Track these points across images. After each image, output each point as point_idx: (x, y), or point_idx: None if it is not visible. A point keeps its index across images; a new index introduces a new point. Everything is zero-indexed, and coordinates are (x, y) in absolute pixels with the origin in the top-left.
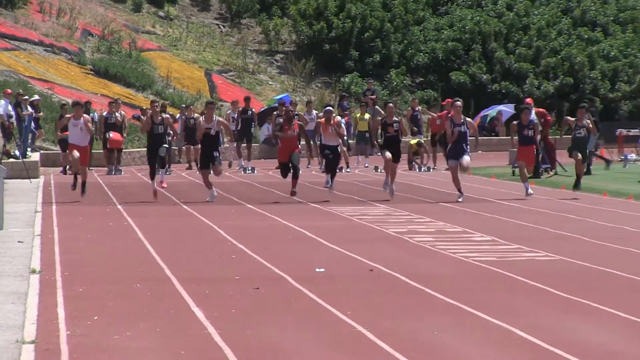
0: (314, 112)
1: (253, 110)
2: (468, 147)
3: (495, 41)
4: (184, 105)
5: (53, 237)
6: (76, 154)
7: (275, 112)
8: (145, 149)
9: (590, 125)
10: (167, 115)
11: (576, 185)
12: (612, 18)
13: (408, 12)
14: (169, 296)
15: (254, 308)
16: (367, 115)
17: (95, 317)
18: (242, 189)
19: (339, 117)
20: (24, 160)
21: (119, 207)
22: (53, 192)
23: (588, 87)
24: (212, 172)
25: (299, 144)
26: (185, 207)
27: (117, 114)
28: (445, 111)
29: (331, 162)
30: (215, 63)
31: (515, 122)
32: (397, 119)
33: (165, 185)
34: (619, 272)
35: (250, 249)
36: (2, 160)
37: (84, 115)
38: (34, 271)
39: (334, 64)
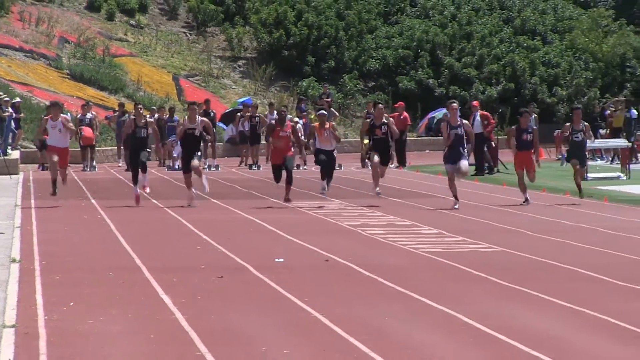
0: (275, 112)
1: (214, 111)
2: (465, 150)
3: (441, 49)
4: (154, 107)
5: (32, 229)
6: (55, 157)
7: (239, 114)
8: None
9: (590, 131)
10: (151, 119)
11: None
12: (550, 27)
13: (361, 21)
14: (139, 284)
15: (218, 295)
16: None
17: (71, 303)
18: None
19: (297, 119)
20: (5, 157)
21: (93, 201)
22: (32, 187)
23: (528, 91)
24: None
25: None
26: (154, 201)
27: (89, 114)
28: (397, 113)
29: (327, 166)
30: (182, 68)
31: (513, 127)
32: (385, 121)
33: (147, 190)
34: (557, 263)
35: (214, 241)
36: None
37: (62, 115)
38: (14, 260)
39: (292, 69)
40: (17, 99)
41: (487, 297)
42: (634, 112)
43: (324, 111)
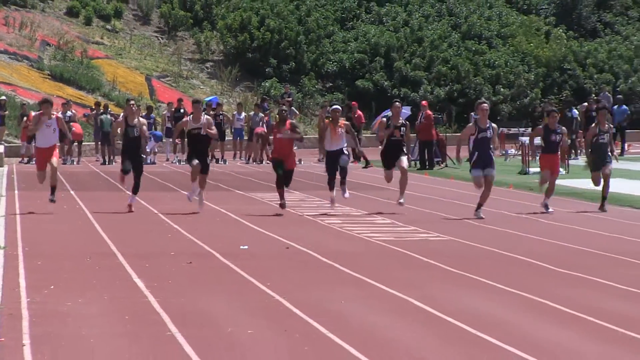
0: (243, 113)
1: (185, 109)
2: (493, 155)
3: (395, 52)
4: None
5: (15, 218)
6: (43, 174)
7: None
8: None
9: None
10: (143, 120)
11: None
12: (495, 32)
13: (320, 27)
14: (115, 269)
15: (188, 279)
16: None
17: (52, 287)
18: (177, 178)
19: (262, 115)
20: None
21: (72, 192)
22: (15, 179)
23: (474, 91)
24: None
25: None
26: (128, 192)
27: (69, 112)
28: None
29: (341, 169)
30: (154, 69)
31: (540, 127)
32: (403, 122)
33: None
34: (500, 251)
35: (184, 229)
36: None
37: (55, 113)
38: None
39: (255, 71)
40: (3, 97)
41: (435, 282)
42: (575, 111)
43: (337, 106)
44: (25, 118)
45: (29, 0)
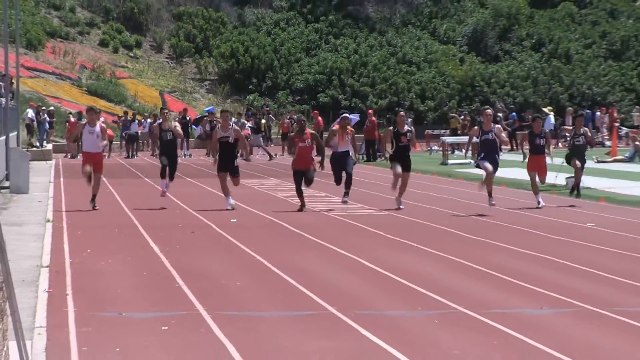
0: (233, 118)
1: (190, 117)
2: (499, 157)
3: (347, 73)
4: (147, 113)
5: (60, 198)
6: (87, 169)
7: (205, 118)
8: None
9: (589, 134)
10: (176, 123)
11: (575, 192)
12: (422, 58)
13: (290, 54)
14: (136, 237)
15: (191, 245)
16: (263, 120)
17: (88, 250)
18: (181, 168)
19: (244, 120)
20: (42, 149)
21: (104, 179)
22: (61, 170)
23: (407, 103)
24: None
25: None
26: (147, 179)
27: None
28: (320, 118)
29: (347, 175)
30: (165, 86)
31: (526, 132)
32: (409, 128)
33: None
34: (431, 224)
35: (189, 207)
36: (28, 149)
37: (99, 121)
38: (48, 220)
39: (241, 87)
40: (51, 108)
41: (381, 247)
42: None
43: (347, 114)
44: (67, 122)
45: (71, 34)
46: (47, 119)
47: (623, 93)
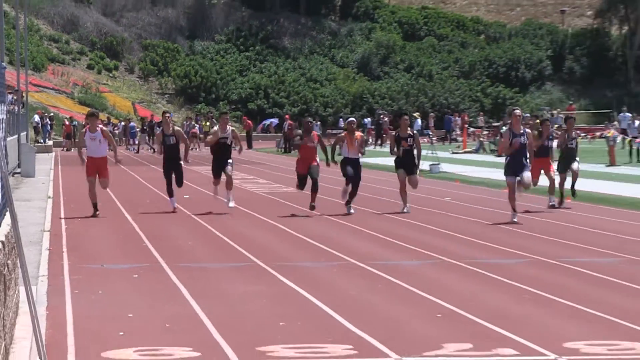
0: (192, 122)
1: (155, 121)
2: (528, 161)
3: (270, 89)
4: (121, 119)
5: (59, 181)
6: (92, 179)
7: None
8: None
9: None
10: (178, 128)
11: (573, 194)
12: (325, 77)
13: (228, 75)
14: (115, 210)
15: (157, 217)
16: (208, 123)
17: (79, 218)
18: (148, 157)
19: (193, 123)
20: (45, 144)
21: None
22: (59, 159)
23: (314, 109)
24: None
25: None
26: (126, 169)
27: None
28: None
29: (353, 180)
30: (136, 98)
31: (536, 132)
32: (411, 133)
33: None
34: (342, 202)
35: (158, 190)
36: (34, 145)
37: (100, 126)
38: (49, 197)
39: (193, 99)
40: (52, 114)
41: (299, 217)
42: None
43: (353, 118)
44: (63, 125)
45: (66, 60)
46: (49, 122)
47: (471, 103)
